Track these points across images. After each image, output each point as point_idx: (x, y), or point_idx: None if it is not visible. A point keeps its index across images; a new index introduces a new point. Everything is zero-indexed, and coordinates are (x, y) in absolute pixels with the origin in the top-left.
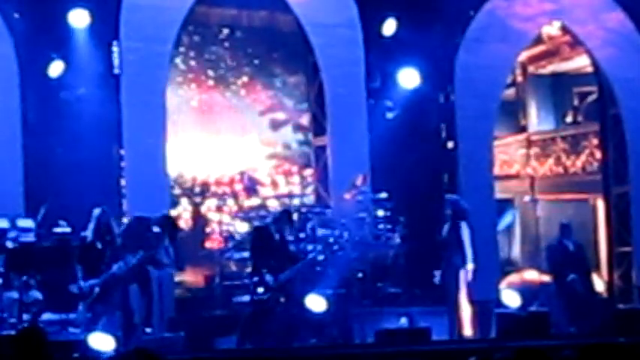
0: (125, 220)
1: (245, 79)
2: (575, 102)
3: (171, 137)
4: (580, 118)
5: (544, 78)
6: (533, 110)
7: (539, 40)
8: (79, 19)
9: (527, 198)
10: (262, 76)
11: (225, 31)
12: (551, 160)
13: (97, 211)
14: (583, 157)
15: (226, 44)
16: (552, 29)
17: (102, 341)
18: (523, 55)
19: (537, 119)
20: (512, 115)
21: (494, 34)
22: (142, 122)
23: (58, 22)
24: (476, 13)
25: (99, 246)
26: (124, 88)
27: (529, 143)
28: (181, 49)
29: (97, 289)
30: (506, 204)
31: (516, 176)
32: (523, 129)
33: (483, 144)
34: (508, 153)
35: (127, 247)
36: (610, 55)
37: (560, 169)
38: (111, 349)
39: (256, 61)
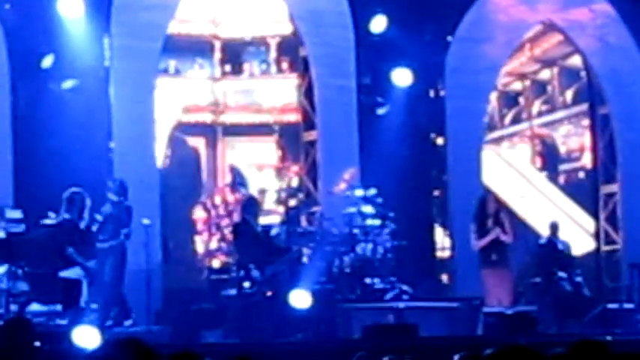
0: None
1: None
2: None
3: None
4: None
5: None
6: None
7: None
8: (71, 10)
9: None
10: None
11: None
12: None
13: (67, 192)
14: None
15: None
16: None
17: (88, 334)
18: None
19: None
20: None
21: (484, 34)
22: (132, 115)
23: (50, 14)
24: (466, 12)
25: (80, 224)
26: (113, 81)
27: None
28: None
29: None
30: None
31: None
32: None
33: (473, 141)
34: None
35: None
36: (601, 56)
37: None
38: (97, 341)
39: None
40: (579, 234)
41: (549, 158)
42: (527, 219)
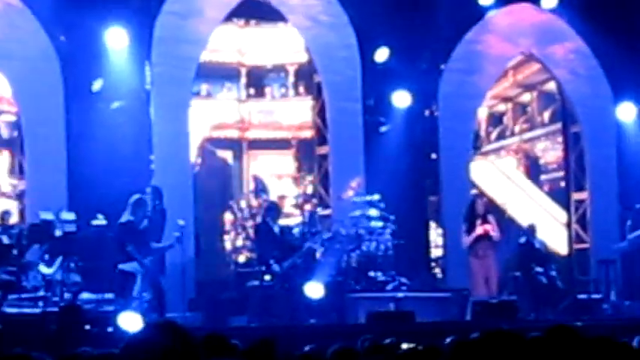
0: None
1: None
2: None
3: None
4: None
5: None
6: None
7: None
8: (117, 42)
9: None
10: None
11: None
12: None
13: (134, 198)
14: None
15: None
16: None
17: (131, 319)
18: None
19: None
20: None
21: (472, 66)
22: (169, 131)
23: (99, 45)
24: (457, 45)
25: (140, 226)
26: (154, 102)
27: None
28: None
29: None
30: None
31: None
32: None
33: (461, 155)
34: None
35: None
36: (573, 83)
37: None
38: (139, 325)
39: None
40: (561, 231)
41: (532, 169)
42: (516, 218)
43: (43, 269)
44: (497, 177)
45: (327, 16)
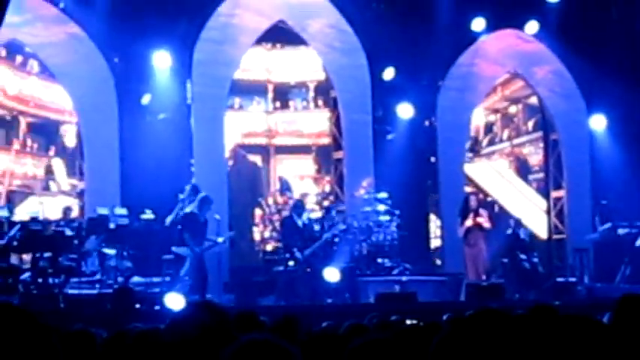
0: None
1: None
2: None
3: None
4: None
5: None
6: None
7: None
8: (162, 63)
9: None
10: None
11: None
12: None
13: (202, 195)
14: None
15: None
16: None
17: (175, 299)
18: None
19: None
20: None
21: (465, 84)
22: (207, 139)
23: (147, 65)
24: (453, 65)
25: (201, 219)
26: (194, 115)
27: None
28: None
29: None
30: None
31: None
32: None
33: (457, 160)
34: None
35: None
36: (552, 99)
37: None
38: (182, 304)
39: None
40: (546, 221)
41: (522, 169)
42: (508, 211)
43: (107, 251)
44: (492, 176)
45: (341, 42)
